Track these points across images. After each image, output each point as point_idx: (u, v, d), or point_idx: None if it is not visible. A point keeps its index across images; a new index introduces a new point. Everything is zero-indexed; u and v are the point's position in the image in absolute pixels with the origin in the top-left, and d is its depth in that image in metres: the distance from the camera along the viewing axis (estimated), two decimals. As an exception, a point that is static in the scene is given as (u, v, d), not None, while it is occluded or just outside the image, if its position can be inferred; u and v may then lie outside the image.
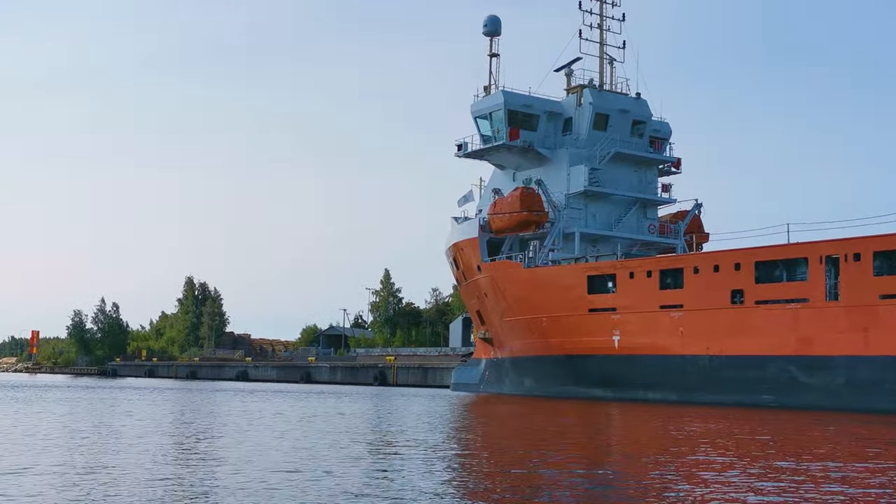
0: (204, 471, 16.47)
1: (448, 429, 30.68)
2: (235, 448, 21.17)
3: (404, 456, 20.05)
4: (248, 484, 14.78)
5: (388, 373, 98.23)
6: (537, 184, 63.79)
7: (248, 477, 15.62)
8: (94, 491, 13.79)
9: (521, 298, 62.53)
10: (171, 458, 18.58)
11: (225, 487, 14.38)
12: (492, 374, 71.43)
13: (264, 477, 15.61)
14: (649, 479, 16.39)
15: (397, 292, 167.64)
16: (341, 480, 15.45)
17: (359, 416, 36.27)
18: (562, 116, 68.15)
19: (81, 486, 14.36)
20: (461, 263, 70.60)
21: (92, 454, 19.04)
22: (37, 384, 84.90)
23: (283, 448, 21.26)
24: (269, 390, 75.67)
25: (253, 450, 20.71)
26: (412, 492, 14.23)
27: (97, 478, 15.28)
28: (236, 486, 14.46)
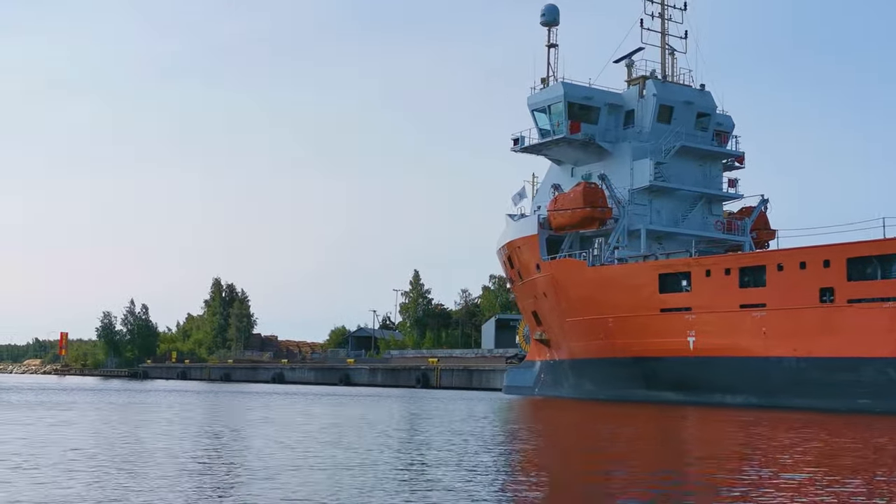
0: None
1: (535, 440, 28.30)
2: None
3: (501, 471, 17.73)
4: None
5: (431, 375, 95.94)
6: (601, 178, 61.30)
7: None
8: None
9: (584, 298, 60.07)
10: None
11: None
12: (548, 377, 69.00)
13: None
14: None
15: (427, 293, 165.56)
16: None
17: (425, 422, 33.92)
18: (623, 109, 65.66)
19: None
20: (517, 262, 68.20)
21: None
22: (69, 387, 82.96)
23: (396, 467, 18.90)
24: (311, 393, 73.45)
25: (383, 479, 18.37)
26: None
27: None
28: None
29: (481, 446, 22.96)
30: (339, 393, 75.27)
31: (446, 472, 16.96)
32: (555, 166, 69.05)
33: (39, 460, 17.90)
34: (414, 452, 20.83)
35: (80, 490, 13.76)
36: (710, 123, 65.89)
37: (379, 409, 46.08)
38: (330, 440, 24.25)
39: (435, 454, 20.48)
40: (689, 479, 17.02)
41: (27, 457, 18.52)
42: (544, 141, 65.61)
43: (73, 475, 15.55)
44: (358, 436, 26.14)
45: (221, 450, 21.08)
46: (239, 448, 21.71)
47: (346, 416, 37.09)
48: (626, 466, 19.29)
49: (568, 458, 21.78)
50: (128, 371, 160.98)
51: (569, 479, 17.18)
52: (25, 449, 20.36)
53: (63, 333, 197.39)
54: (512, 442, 26.06)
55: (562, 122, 63.87)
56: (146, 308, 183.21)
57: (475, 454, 20.64)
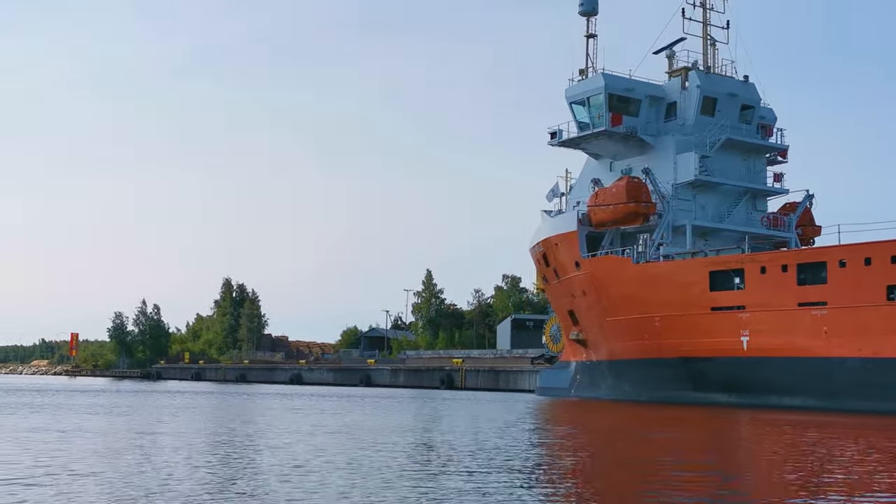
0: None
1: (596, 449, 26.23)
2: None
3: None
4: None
5: (456, 376, 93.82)
6: (644, 172, 59.17)
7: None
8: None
9: (628, 297, 57.94)
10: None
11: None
12: (584, 378, 66.89)
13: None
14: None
15: (439, 293, 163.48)
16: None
17: (469, 425, 31.88)
18: (664, 101, 63.57)
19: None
20: (553, 260, 66.04)
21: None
22: (88, 388, 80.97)
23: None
24: (336, 395, 71.32)
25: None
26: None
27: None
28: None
29: (558, 458, 20.90)
30: (365, 395, 73.12)
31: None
32: (592, 160, 66.99)
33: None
34: (501, 469, 18.74)
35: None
36: (753, 116, 63.80)
37: (423, 413, 44.01)
38: (407, 454, 22.17)
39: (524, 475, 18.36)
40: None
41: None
42: (583, 134, 63.53)
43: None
44: (429, 448, 24.04)
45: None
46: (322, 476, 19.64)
47: (399, 426, 34.97)
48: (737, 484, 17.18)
49: (661, 471, 19.71)
50: (140, 372, 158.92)
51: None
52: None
53: (74, 334, 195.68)
54: (584, 451, 24.02)
55: (602, 115, 61.78)
56: (158, 308, 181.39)
57: (563, 476, 18.57)
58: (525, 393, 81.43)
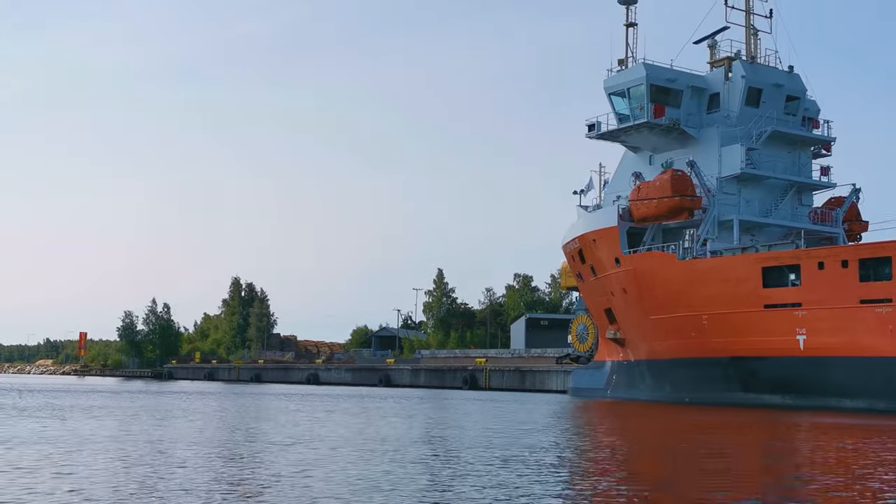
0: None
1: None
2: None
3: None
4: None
5: (480, 376, 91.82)
6: (689, 166, 57.13)
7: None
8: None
9: (673, 294, 55.87)
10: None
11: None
12: (621, 378, 64.85)
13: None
14: None
15: (451, 292, 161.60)
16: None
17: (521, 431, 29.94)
18: (706, 92, 61.54)
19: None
20: (590, 257, 63.96)
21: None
22: (104, 389, 79.00)
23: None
24: (359, 395, 69.41)
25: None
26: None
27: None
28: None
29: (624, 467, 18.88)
30: (391, 395, 71.15)
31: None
32: (630, 154, 64.96)
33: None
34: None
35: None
36: (799, 108, 61.79)
37: (469, 416, 42.01)
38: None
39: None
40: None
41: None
42: (623, 126, 61.49)
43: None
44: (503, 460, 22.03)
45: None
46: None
47: (469, 436, 32.97)
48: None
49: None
50: (151, 372, 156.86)
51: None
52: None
53: (82, 333, 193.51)
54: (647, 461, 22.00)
55: (644, 106, 59.73)
56: (168, 307, 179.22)
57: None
58: (552, 393, 79.48)
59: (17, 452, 20.06)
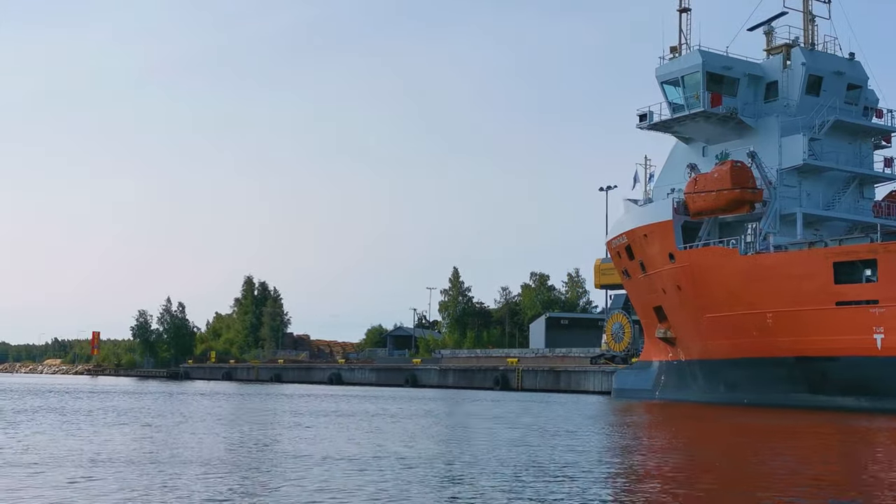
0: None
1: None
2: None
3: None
4: None
5: (511, 376, 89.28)
6: (750, 157, 54.60)
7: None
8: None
9: (733, 291, 53.28)
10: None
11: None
12: (670, 379, 62.30)
13: None
14: None
15: (467, 291, 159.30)
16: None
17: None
18: (763, 80, 59.05)
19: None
20: (639, 252, 61.40)
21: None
22: (127, 390, 76.80)
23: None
24: (394, 397, 67.07)
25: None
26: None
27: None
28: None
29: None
30: (426, 396, 68.85)
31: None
32: (681, 145, 62.47)
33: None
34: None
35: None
36: (860, 97, 59.34)
37: (544, 420, 39.61)
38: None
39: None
40: None
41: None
42: (677, 116, 58.97)
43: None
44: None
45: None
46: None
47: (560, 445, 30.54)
48: None
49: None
50: (166, 371, 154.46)
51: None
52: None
53: (95, 333, 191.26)
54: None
55: (700, 95, 57.19)
56: (182, 306, 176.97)
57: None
58: (589, 394, 77.05)
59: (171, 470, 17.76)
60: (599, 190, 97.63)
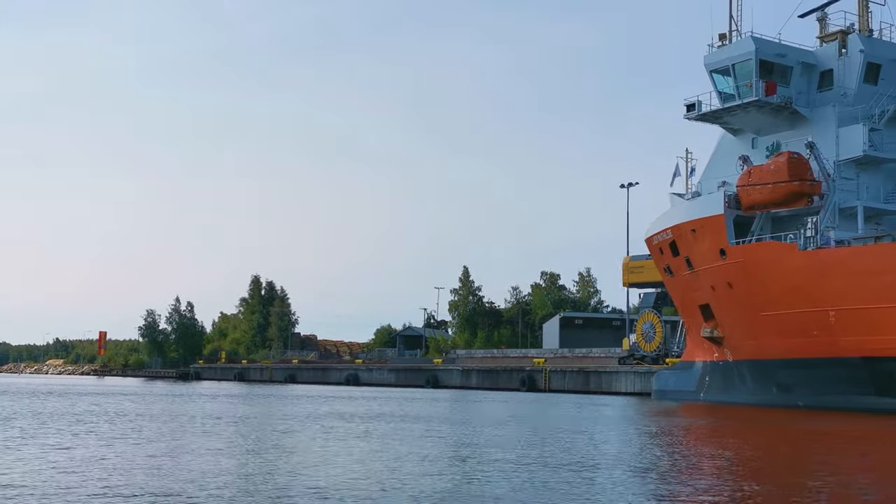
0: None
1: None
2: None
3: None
4: None
5: (538, 377, 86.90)
6: (808, 147, 52.12)
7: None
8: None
9: (792, 288, 50.75)
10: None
11: None
12: (715, 380, 59.88)
13: None
14: None
15: (477, 291, 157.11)
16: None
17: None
18: (817, 68, 56.62)
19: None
20: (685, 248, 58.90)
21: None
22: (159, 392, 74.25)
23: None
24: (423, 398, 64.73)
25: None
26: None
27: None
28: None
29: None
30: (455, 398, 66.45)
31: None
32: (728, 137, 60.03)
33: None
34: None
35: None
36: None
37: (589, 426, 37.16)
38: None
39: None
40: None
41: None
42: (728, 106, 56.52)
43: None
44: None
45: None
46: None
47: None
48: None
49: None
50: (176, 372, 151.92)
51: None
52: None
53: (102, 332, 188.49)
54: None
55: (753, 84, 54.73)
56: (192, 306, 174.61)
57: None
58: (621, 395, 74.72)
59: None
60: (620, 187, 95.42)
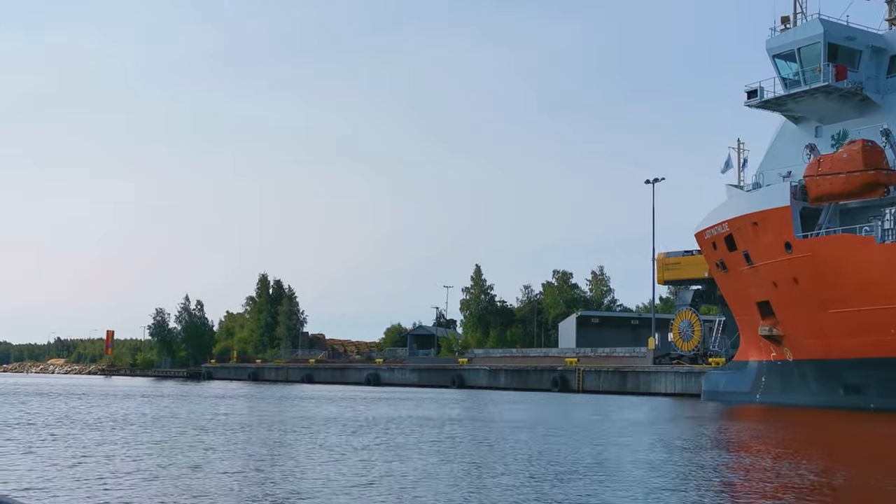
0: None
1: None
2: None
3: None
4: None
5: (571, 377, 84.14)
6: (883, 135, 49.39)
7: None
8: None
9: (869, 283, 47.99)
10: None
11: None
12: (772, 381, 57.08)
13: None
14: None
15: (489, 289, 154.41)
16: None
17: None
18: (887, 53, 53.80)
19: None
20: (743, 243, 56.07)
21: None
22: (194, 393, 71.29)
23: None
24: (453, 400, 61.96)
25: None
26: None
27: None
28: None
29: None
30: (492, 399, 63.61)
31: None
32: (790, 125, 57.21)
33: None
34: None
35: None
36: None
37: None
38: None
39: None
40: None
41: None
42: (794, 92, 53.68)
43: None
44: None
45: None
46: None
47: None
48: None
49: None
50: (187, 372, 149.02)
51: None
52: None
53: (109, 332, 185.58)
54: None
55: (821, 68, 51.92)
56: (201, 304, 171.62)
57: None
58: (659, 396, 72.05)
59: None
60: (646, 182, 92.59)
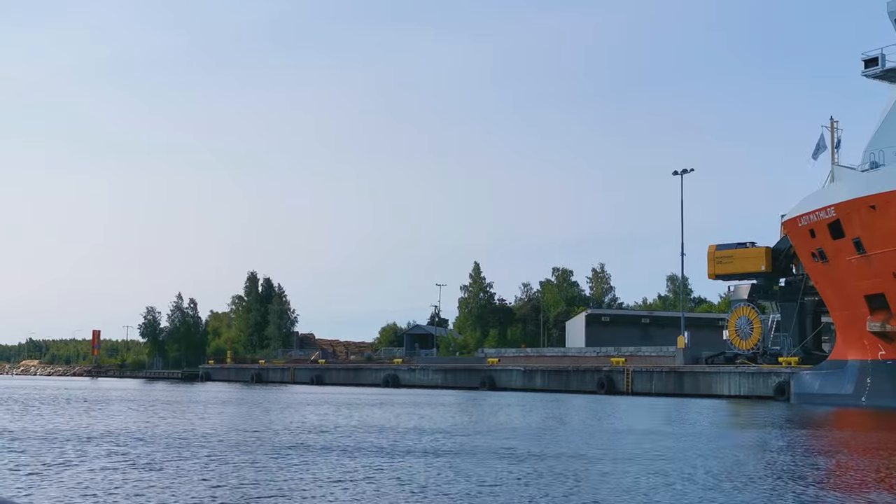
0: None
1: None
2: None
3: None
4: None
5: (619, 378, 78.56)
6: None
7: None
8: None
9: None
10: None
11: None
12: (881, 382, 51.89)
13: None
14: None
15: (488, 287, 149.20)
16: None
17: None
18: None
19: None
20: (854, 229, 50.69)
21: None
22: (214, 399, 64.76)
23: None
24: (523, 403, 56.18)
25: None
26: None
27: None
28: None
29: None
30: (561, 400, 57.95)
31: None
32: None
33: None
34: None
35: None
36: None
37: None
38: None
39: None
40: None
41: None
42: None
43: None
44: None
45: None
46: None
47: None
48: None
49: None
50: (181, 373, 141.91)
51: None
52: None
53: (96, 331, 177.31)
54: None
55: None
56: (194, 303, 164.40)
57: None
58: (720, 398, 66.79)
59: None
60: (674, 174, 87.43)
